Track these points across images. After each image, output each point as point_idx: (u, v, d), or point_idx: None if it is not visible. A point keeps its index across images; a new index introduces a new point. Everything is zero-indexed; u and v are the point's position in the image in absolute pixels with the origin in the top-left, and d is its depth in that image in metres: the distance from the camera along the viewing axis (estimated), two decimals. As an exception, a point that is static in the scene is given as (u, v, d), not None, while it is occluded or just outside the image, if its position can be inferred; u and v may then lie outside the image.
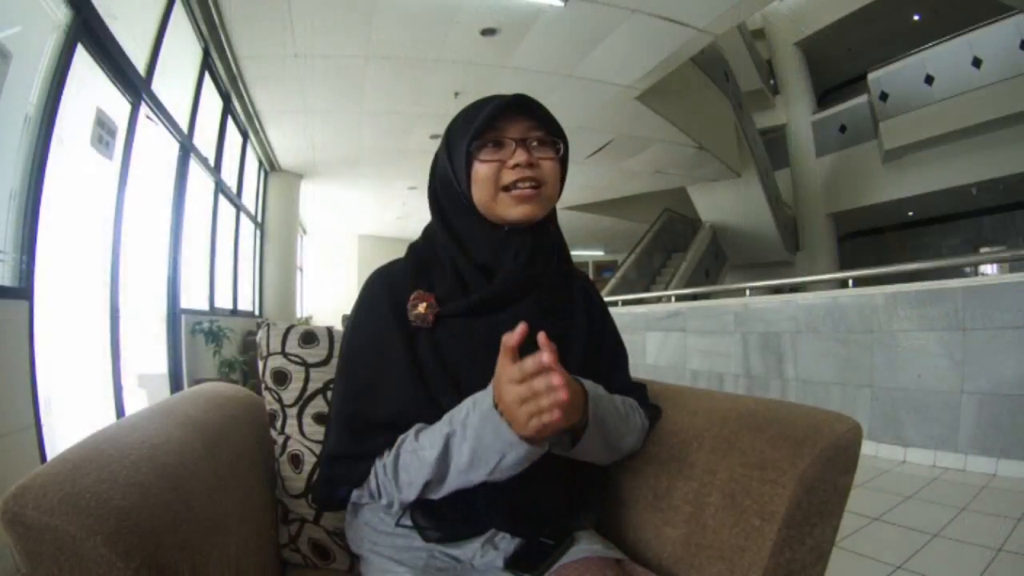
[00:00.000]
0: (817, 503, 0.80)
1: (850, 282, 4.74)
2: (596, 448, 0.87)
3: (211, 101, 5.92)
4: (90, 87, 3.22)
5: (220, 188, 6.29)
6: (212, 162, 5.95)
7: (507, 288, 0.92)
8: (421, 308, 0.91)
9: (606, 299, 1.15)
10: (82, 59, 2.98)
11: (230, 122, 6.72)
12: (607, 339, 1.05)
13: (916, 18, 11.73)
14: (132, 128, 3.71)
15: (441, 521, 0.89)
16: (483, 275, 0.94)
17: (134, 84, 3.66)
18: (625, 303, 8.04)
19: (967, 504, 2.84)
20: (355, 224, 14.95)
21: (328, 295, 15.16)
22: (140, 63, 3.82)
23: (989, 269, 7.79)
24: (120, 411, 3.45)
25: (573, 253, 1.07)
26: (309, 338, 1.12)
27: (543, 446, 0.77)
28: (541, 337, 0.69)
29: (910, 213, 12.66)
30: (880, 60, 10.84)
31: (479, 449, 0.76)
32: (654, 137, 8.41)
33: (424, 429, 0.85)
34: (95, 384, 3.37)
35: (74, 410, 3.05)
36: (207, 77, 5.57)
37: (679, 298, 7.25)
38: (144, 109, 3.91)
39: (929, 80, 9.89)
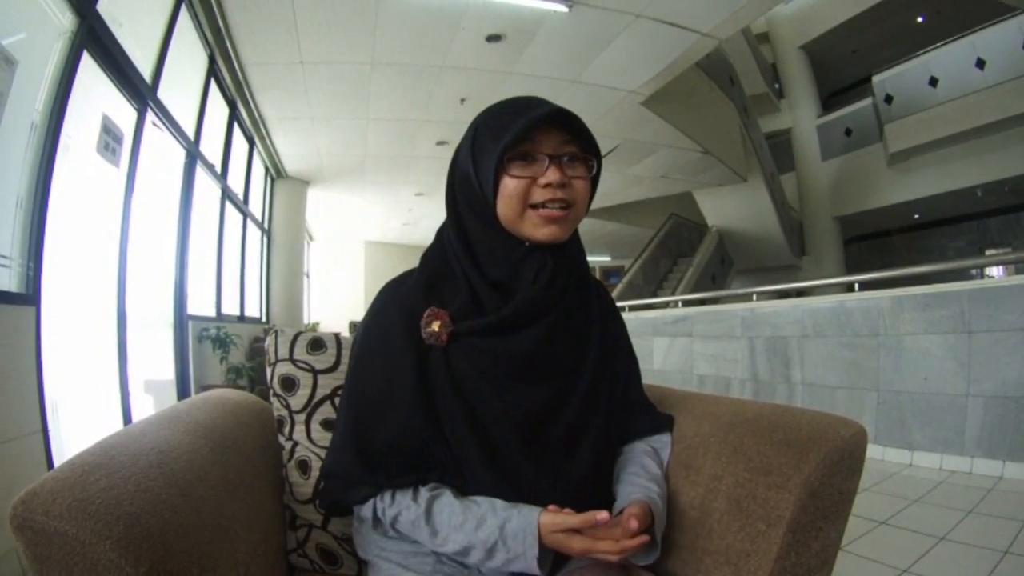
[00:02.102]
0: (823, 507, 0.80)
1: (856, 286, 4.72)
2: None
3: (217, 108, 5.95)
4: (96, 94, 3.22)
5: (227, 195, 6.32)
6: (218, 169, 5.98)
7: (525, 310, 0.89)
8: (435, 326, 0.88)
9: (613, 304, 1.13)
10: (88, 66, 2.99)
11: (236, 129, 6.75)
12: (621, 346, 1.04)
13: (920, 20, 11.73)
14: (138, 135, 3.73)
15: None
16: (499, 293, 0.90)
17: (140, 91, 3.68)
18: (632, 308, 8.02)
19: (974, 507, 2.82)
20: (362, 230, 14.99)
21: (335, 301, 15.22)
22: (146, 70, 3.85)
23: (995, 271, 7.77)
24: (127, 417, 3.45)
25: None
26: (317, 344, 1.12)
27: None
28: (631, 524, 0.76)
29: (916, 216, 12.64)
30: (884, 62, 10.87)
31: (497, 572, 0.81)
32: (660, 142, 8.41)
33: (435, 506, 0.84)
34: (102, 390, 3.38)
35: (81, 416, 3.05)
36: (213, 84, 5.60)
37: (686, 303, 7.24)
38: (150, 116, 3.92)
39: (933, 82, 9.90)
